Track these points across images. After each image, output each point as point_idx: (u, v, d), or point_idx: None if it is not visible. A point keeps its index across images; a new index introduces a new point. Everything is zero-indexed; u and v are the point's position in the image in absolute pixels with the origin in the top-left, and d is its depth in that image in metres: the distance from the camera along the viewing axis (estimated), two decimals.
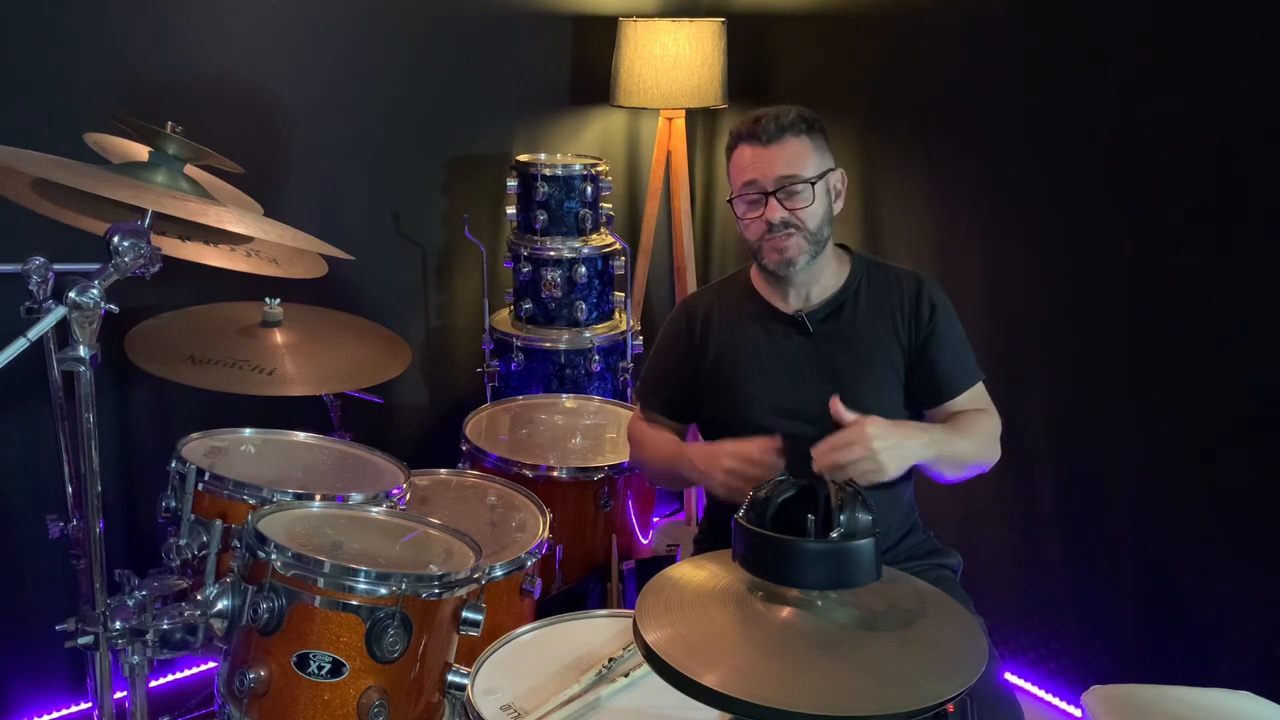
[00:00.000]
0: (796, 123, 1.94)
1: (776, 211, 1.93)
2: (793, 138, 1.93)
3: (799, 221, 1.93)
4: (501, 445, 2.52)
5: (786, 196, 1.92)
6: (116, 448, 2.60)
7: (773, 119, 1.93)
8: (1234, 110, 2.20)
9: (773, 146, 1.93)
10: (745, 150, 1.95)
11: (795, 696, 1.18)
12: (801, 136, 1.94)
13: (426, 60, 2.95)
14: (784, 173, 1.92)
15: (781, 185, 1.92)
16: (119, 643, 1.65)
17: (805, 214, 1.93)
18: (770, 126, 1.93)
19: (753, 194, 1.94)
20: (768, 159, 1.93)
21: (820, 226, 1.95)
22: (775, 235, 1.94)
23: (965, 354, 2.02)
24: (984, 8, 2.62)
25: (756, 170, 1.94)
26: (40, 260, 1.91)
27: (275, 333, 2.23)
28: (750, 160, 1.94)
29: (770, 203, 1.93)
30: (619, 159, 3.41)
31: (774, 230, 1.93)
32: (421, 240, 3.05)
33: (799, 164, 1.93)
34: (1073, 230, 2.49)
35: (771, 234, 1.94)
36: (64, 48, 2.39)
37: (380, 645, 1.57)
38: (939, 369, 1.99)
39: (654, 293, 3.46)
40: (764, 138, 1.93)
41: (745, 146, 1.95)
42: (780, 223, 1.93)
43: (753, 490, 1.43)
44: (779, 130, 1.93)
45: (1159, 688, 1.90)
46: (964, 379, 2.01)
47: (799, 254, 1.94)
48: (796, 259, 1.95)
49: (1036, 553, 2.65)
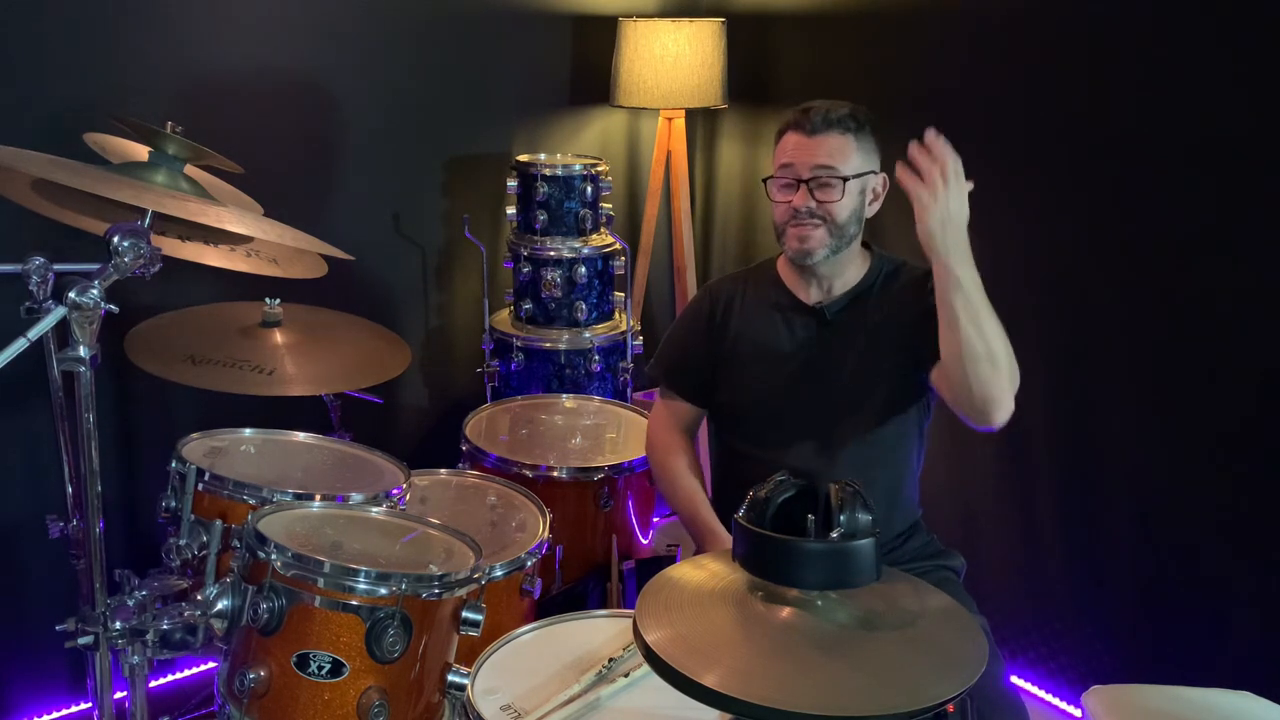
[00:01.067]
0: (845, 119, 1.97)
1: (805, 200, 1.95)
2: (838, 134, 1.96)
3: (826, 214, 1.95)
4: (501, 445, 2.51)
5: (818, 187, 1.95)
6: (116, 448, 2.60)
7: (822, 111, 1.97)
8: (1234, 110, 2.20)
9: (816, 137, 1.96)
10: (790, 136, 1.99)
11: (795, 696, 1.18)
12: (847, 134, 1.97)
13: (426, 60, 2.95)
14: (820, 163, 1.95)
15: (815, 175, 1.95)
16: (119, 643, 1.65)
17: (834, 207, 1.95)
18: (817, 118, 1.96)
19: (787, 178, 1.97)
20: (809, 148, 1.96)
21: (847, 222, 1.97)
22: (801, 223, 1.96)
23: None
24: (984, 8, 2.62)
25: (795, 156, 1.97)
26: (40, 260, 1.91)
27: (275, 333, 2.23)
28: (792, 146, 1.98)
29: (801, 189, 1.96)
30: (619, 159, 3.41)
31: (799, 217, 1.96)
32: (421, 240, 3.05)
33: (838, 158, 1.95)
34: (1073, 230, 2.49)
35: (797, 220, 1.96)
36: (64, 48, 2.39)
37: (380, 645, 1.57)
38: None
39: (654, 293, 3.46)
40: (809, 127, 1.96)
41: (791, 133, 1.99)
42: (806, 211, 1.95)
43: (753, 490, 1.43)
44: (825, 123, 1.96)
45: (1159, 688, 1.90)
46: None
47: (819, 246, 1.97)
48: (816, 250, 1.97)
49: (1037, 553, 2.65)
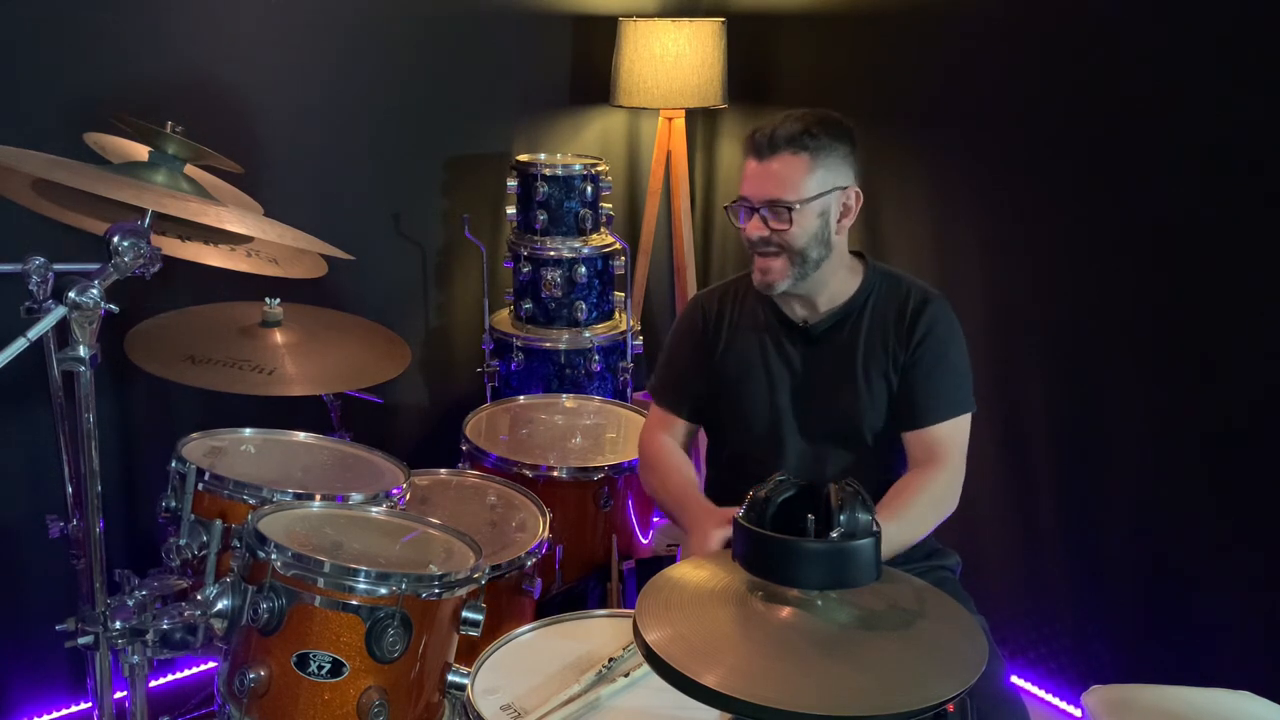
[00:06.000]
0: (798, 137, 1.88)
1: (757, 229, 1.92)
2: (789, 154, 1.88)
3: (781, 243, 1.91)
4: (501, 445, 2.51)
5: (772, 216, 1.90)
6: (116, 448, 2.60)
7: (768, 133, 1.89)
8: (1234, 109, 2.19)
9: (765, 162, 1.90)
10: (747, 161, 1.94)
11: (795, 696, 1.18)
12: (801, 154, 1.88)
13: (426, 60, 2.95)
14: (771, 195, 1.90)
15: (767, 204, 1.90)
16: (119, 643, 1.65)
17: (788, 236, 1.90)
18: (763, 141, 1.90)
19: (742, 207, 1.94)
20: (759, 176, 1.91)
21: (807, 247, 1.91)
22: (761, 252, 1.93)
23: (950, 385, 1.95)
24: (984, 7, 2.62)
25: (749, 185, 1.93)
26: (40, 260, 1.91)
27: (275, 333, 2.22)
28: (748, 173, 1.93)
29: (754, 219, 1.92)
30: (619, 159, 3.41)
31: (756, 246, 1.93)
32: (421, 240, 3.05)
33: (787, 185, 1.89)
34: (1073, 230, 2.49)
35: (756, 250, 1.94)
36: (64, 48, 2.39)
37: (380, 645, 1.57)
38: (915, 394, 1.95)
39: (654, 293, 3.46)
40: (760, 152, 1.91)
41: (747, 157, 1.94)
42: (760, 240, 1.92)
43: (752, 490, 1.43)
44: (772, 146, 1.89)
45: (1159, 688, 1.90)
46: (938, 410, 1.94)
47: (780, 276, 1.93)
48: (776, 282, 1.94)
49: (1036, 553, 2.65)
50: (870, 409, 1.97)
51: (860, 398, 1.97)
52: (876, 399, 1.97)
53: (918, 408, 1.95)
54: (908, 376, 1.96)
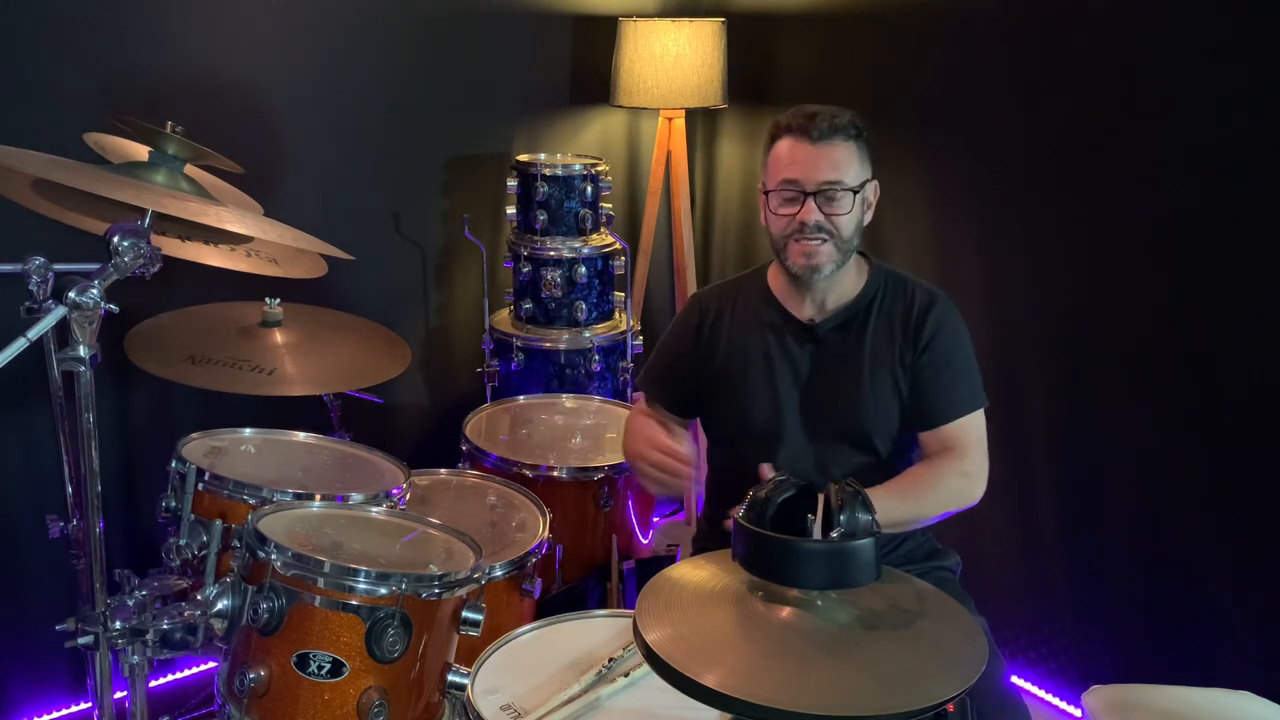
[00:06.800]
0: (848, 126, 1.90)
1: (813, 214, 1.89)
2: (842, 141, 1.89)
3: (833, 228, 1.90)
4: (501, 445, 2.51)
5: (825, 201, 1.89)
6: (116, 448, 2.60)
7: (828, 118, 1.89)
8: (1233, 109, 2.20)
9: (821, 146, 1.88)
10: (792, 144, 1.90)
11: (795, 696, 1.18)
12: (850, 142, 1.90)
13: (426, 60, 2.95)
14: (828, 177, 1.88)
15: (822, 189, 1.89)
16: (119, 643, 1.65)
17: (841, 221, 1.90)
18: (824, 125, 1.88)
19: (791, 191, 1.91)
20: (814, 158, 1.88)
21: (852, 235, 1.92)
22: (807, 238, 1.90)
23: (961, 382, 1.96)
24: (983, 7, 2.62)
25: (799, 168, 1.89)
26: (40, 260, 1.91)
27: (275, 333, 2.22)
28: (795, 156, 1.90)
29: (808, 203, 1.89)
30: (619, 159, 3.41)
31: (806, 232, 1.90)
32: (421, 240, 3.05)
33: (844, 169, 1.89)
34: (1072, 230, 2.49)
35: (803, 235, 1.90)
36: (64, 48, 2.39)
37: (380, 645, 1.57)
38: (928, 395, 1.96)
39: (654, 293, 3.46)
40: (814, 135, 1.88)
41: (793, 140, 1.90)
42: (814, 226, 1.89)
43: (752, 490, 1.43)
44: (831, 131, 1.88)
45: (1159, 688, 1.90)
46: (952, 409, 1.95)
47: (827, 261, 1.92)
48: (824, 266, 1.92)
49: (1036, 553, 2.65)
50: (875, 408, 1.97)
51: (866, 397, 1.97)
52: (882, 398, 1.97)
53: (931, 408, 1.95)
54: (918, 378, 1.96)
